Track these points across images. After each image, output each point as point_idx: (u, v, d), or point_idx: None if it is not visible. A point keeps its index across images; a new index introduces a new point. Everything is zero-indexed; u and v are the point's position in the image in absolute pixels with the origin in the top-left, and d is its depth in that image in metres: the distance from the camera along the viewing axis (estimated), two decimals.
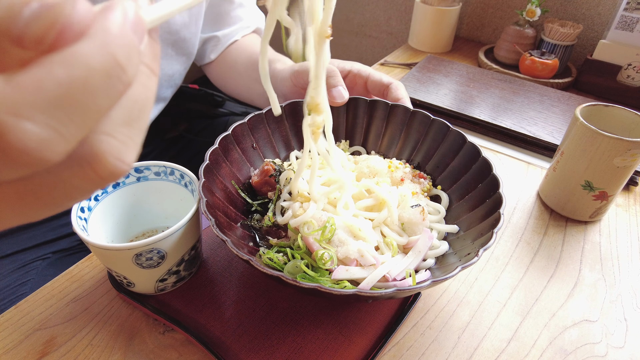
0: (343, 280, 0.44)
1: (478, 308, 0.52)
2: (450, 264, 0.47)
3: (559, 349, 0.48)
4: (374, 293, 0.38)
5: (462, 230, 0.52)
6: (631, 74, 1.01)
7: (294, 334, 0.47)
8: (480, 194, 0.52)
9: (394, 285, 0.45)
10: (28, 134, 0.15)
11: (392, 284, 0.45)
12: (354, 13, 1.66)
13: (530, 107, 0.91)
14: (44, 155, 0.16)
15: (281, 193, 0.54)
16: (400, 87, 0.65)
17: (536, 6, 1.10)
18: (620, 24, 0.99)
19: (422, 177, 0.59)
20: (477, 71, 1.06)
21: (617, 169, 0.59)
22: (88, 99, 0.16)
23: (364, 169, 0.56)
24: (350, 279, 0.45)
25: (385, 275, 0.45)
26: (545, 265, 0.59)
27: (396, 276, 0.46)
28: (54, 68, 0.16)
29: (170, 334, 0.47)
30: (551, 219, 0.67)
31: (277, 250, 0.49)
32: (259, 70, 0.43)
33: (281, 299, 0.50)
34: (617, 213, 0.68)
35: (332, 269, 0.45)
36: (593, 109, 0.64)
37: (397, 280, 0.46)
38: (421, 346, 0.48)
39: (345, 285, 0.44)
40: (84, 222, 0.45)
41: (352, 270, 0.45)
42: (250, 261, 0.38)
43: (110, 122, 0.18)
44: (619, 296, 0.55)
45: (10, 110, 0.15)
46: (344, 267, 0.45)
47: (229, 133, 0.54)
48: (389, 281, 0.45)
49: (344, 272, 0.44)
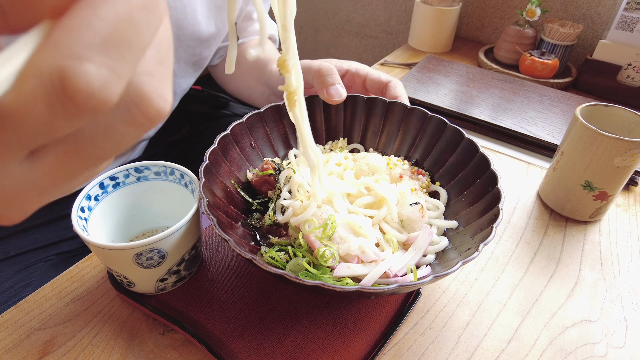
0: (345, 277, 0.45)
1: (478, 308, 0.52)
2: (450, 259, 0.47)
3: (558, 349, 0.48)
4: (376, 289, 0.38)
5: (461, 226, 0.52)
6: (631, 74, 1.01)
7: (294, 334, 0.47)
8: (478, 190, 0.53)
9: (396, 281, 0.45)
10: (91, 76, 0.15)
11: (393, 280, 0.45)
12: (354, 13, 1.66)
13: (530, 107, 0.91)
14: (108, 96, 0.15)
15: (281, 192, 0.54)
16: (398, 85, 0.65)
17: (536, 6, 1.10)
18: (620, 24, 0.99)
19: (421, 173, 0.59)
20: (477, 71, 1.06)
21: (617, 169, 0.59)
22: (134, 35, 0.16)
23: (362, 167, 0.56)
24: (351, 275, 0.45)
25: (387, 271, 0.45)
26: (545, 265, 0.59)
27: (397, 272, 0.46)
28: (98, 7, 0.15)
29: (170, 334, 0.47)
30: (551, 219, 0.67)
31: (278, 248, 0.49)
32: (227, 24, 0.40)
33: (281, 299, 0.50)
34: (617, 213, 0.68)
35: (334, 266, 0.45)
36: (593, 109, 0.64)
37: (398, 277, 0.46)
38: (421, 346, 0.48)
39: (347, 282, 0.44)
40: (84, 222, 0.45)
41: (353, 267, 0.45)
42: (253, 260, 0.38)
43: (146, 62, 0.18)
44: (618, 296, 0.55)
45: (69, 54, 0.15)
46: (345, 264, 0.45)
47: (227, 133, 0.54)
48: (390, 277, 0.45)
49: (345, 269, 0.45)
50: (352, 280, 0.45)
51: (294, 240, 0.48)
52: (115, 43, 0.16)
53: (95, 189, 0.48)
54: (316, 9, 1.76)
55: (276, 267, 0.44)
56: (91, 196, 0.47)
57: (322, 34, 1.82)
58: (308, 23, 1.83)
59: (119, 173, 0.50)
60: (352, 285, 0.38)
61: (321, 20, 1.78)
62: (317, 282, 0.37)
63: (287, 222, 0.50)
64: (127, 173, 0.50)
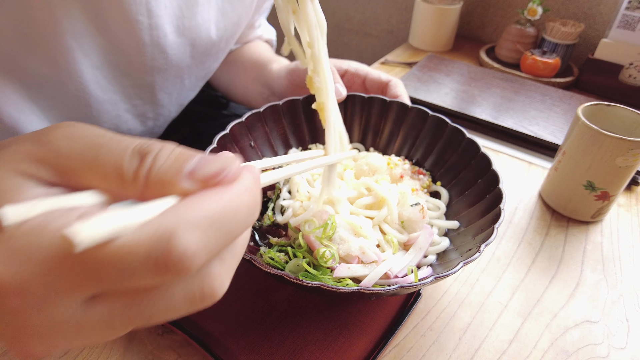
0: (345, 278, 0.44)
1: (479, 309, 0.52)
2: (451, 260, 0.46)
3: (560, 349, 0.48)
4: (377, 290, 0.37)
5: (462, 226, 0.52)
6: (633, 73, 1.01)
7: (293, 335, 0.46)
8: (480, 190, 0.52)
9: (396, 282, 0.45)
10: (190, 243, 0.18)
11: (394, 281, 0.45)
12: (355, 12, 1.66)
13: (532, 107, 0.91)
14: (192, 264, 0.18)
15: (280, 192, 0.54)
16: (399, 84, 0.65)
17: (537, 5, 1.10)
18: (622, 23, 0.99)
19: (422, 173, 0.59)
20: (478, 70, 1.06)
21: (619, 168, 0.59)
22: (233, 226, 0.20)
23: (363, 167, 0.56)
24: (352, 276, 0.45)
25: (387, 272, 0.45)
26: (547, 266, 0.58)
27: (398, 273, 0.46)
28: (216, 196, 0.20)
29: (169, 335, 0.47)
30: (553, 219, 0.66)
31: (277, 249, 0.49)
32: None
33: (281, 300, 0.50)
34: (619, 213, 0.68)
35: (334, 267, 0.45)
36: (595, 109, 0.63)
37: (399, 277, 0.45)
38: (422, 347, 0.47)
39: (347, 283, 0.44)
40: None
41: (353, 268, 0.45)
42: (252, 260, 0.38)
43: (226, 251, 0.21)
44: (620, 297, 0.54)
45: (181, 222, 0.18)
46: (345, 264, 0.45)
47: (226, 132, 0.54)
48: (390, 278, 0.45)
49: (345, 270, 0.44)
50: (353, 281, 0.45)
51: (294, 240, 0.48)
52: (217, 227, 0.19)
53: None
54: None
55: (276, 267, 0.44)
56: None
57: None
58: None
59: None
60: (353, 286, 0.38)
61: None
62: (317, 282, 0.37)
63: (286, 223, 0.50)
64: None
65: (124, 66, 0.55)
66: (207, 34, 0.64)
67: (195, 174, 0.20)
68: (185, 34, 0.59)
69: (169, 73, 0.62)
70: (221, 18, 0.66)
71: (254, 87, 0.79)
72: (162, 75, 0.61)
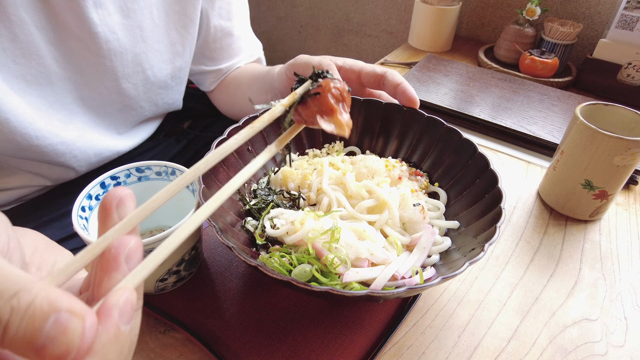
0: (351, 282, 0.44)
1: (478, 307, 0.52)
2: (455, 260, 0.47)
3: (559, 347, 0.48)
4: (386, 293, 0.37)
5: (462, 226, 0.52)
6: (631, 73, 1.01)
7: (294, 333, 0.47)
8: (478, 190, 0.53)
9: (404, 283, 0.45)
10: None
11: (401, 282, 0.45)
12: (354, 12, 1.66)
13: (530, 106, 0.91)
14: None
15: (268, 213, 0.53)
16: (396, 73, 0.64)
17: (536, 5, 1.10)
18: (620, 23, 0.99)
19: (419, 174, 0.59)
20: (477, 70, 1.06)
21: (617, 167, 0.59)
22: None
23: (362, 169, 0.56)
24: (360, 280, 0.44)
25: (394, 274, 0.45)
26: (545, 264, 0.59)
27: (404, 274, 0.46)
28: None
29: (170, 333, 0.47)
30: (551, 217, 0.67)
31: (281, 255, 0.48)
32: None
33: (281, 299, 0.50)
34: (617, 212, 0.68)
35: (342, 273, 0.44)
36: (593, 108, 0.64)
37: (405, 278, 0.46)
38: (421, 345, 0.48)
39: (352, 287, 0.43)
40: (85, 222, 0.45)
41: (361, 272, 0.44)
42: (258, 267, 0.38)
43: None
44: (618, 295, 0.55)
45: None
46: (354, 269, 0.44)
47: (224, 137, 0.54)
48: (397, 279, 0.45)
49: (354, 275, 0.44)
50: (359, 284, 0.45)
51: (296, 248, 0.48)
52: None
53: (96, 189, 0.48)
54: (316, 8, 1.76)
55: (282, 273, 0.43)
56: (92, 195, 0.47)
57: (322, 33, 1.82)
58: (308, 22, 1.83)
59: (120, 173, 0.50)
60: (359, 290, 0.38)
61: (321, 19, 1.78)
62: (325, 287, 0.37)
63: (279, 237, 0.49)
64: (129, 173, 0.51)
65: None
66: (159, 68, 0.74)
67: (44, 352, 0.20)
68: (137, 69, 0.70)
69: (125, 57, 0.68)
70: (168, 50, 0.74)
71: (262, 97, 0.80)
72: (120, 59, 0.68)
